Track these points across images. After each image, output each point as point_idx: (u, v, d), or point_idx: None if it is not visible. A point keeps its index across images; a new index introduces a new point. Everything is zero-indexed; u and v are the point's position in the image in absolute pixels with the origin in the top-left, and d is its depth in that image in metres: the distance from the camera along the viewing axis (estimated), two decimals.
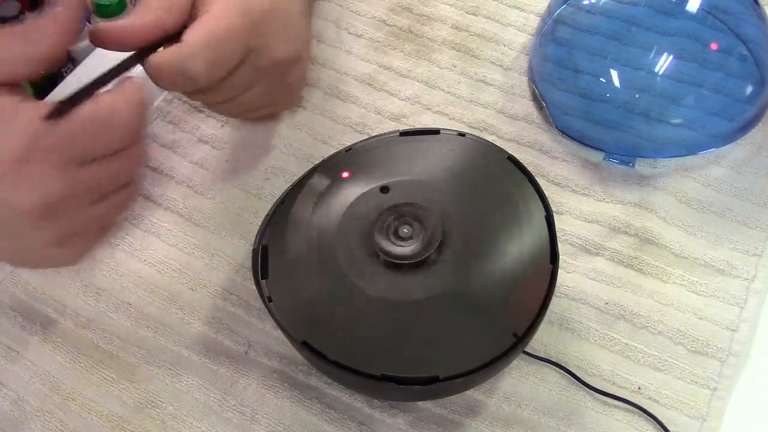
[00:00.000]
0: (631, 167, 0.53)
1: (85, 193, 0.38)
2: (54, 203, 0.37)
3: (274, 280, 0.42)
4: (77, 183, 0.37)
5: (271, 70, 0.47)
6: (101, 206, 0.39)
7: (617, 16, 0.54)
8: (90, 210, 0.39)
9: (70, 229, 0.38)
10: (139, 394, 0.45)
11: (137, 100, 0.39)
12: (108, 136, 0.38)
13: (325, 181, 0.46)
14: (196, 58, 0.43)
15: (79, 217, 0.38)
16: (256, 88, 0.48)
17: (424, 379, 0.39)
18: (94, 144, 0.37)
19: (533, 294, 0.41)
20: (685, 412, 0.44)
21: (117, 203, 0.40)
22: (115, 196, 0.40)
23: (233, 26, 0.44)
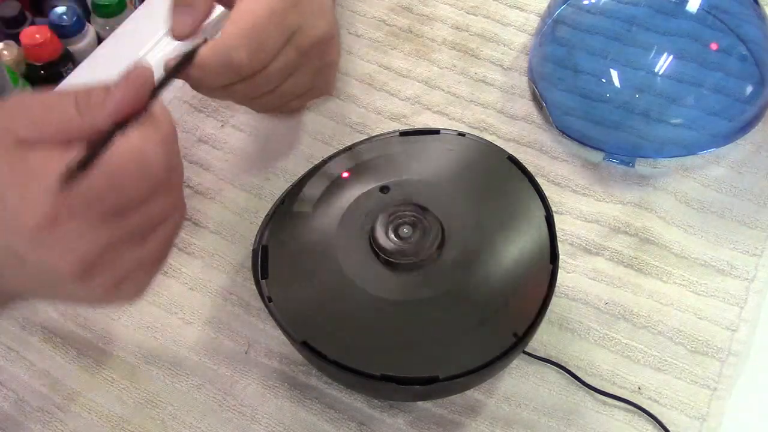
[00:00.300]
0: (631, 167, 0.53)
1: (127, 241, 0.36)
2: (94, 260, 0.35)
3: (274, 280, 0.42)
4: (116, 233, 0.35)
5: (312, 50, 0.47)
6: (148, 245, 0.37)
7: (617, 16, 0.54)
8: (136, 252, 0.37)
9: (118, 276, 0.37)
10: (139, 394, 0.45)
11: (167, 133, 0.36)
12: (142, 182, 0.35)
13: (316, 191, 0.46)
14: (241, 48, 0.42)
15: (126, 263, 0.36)
16: (298, 73, 0.47)
17: (424, 379, 0.39)
18: (128, 193, 0.35)
19: (533, 294, 0.41)
20: (685, 412, 0.44)
21: (164, 237, 0.38)
22: (159, 231, 0.38)
23: (273, 9, 0.43)
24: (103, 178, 0.34)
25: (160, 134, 0.36)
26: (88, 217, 0.34)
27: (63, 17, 0.95)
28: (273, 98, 0.48)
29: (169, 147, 0.36)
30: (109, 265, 0.36)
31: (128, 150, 0.34)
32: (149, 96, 0.36)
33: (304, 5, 0.45)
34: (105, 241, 0.35)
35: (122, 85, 0.35)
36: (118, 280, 0.37)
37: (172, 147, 0.36)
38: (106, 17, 0.99)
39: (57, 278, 0.35)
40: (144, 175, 0.35)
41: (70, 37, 0.96)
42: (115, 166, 0.34)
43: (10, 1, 0.95)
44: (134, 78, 0.35)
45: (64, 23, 0.95)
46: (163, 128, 0.36)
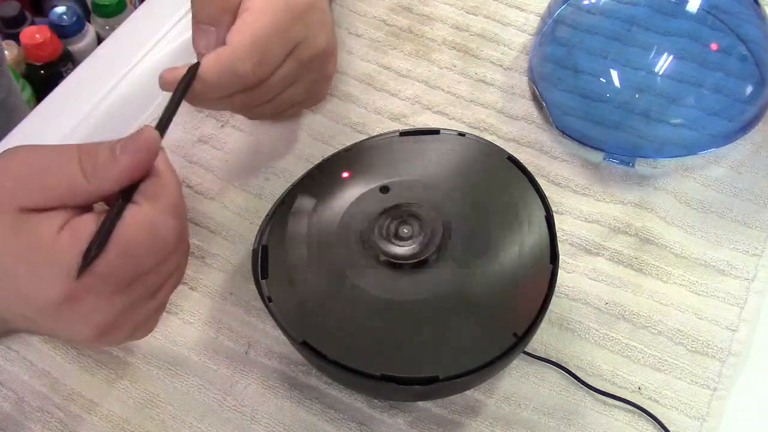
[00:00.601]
0: (631, 167, 0.53)
1: (141, 300, 0.36)
2: (110, 324, 0.35)
3: (274, 280, 0.42)
4: (130, 299, 0.35)
5: (312, 62, 0.47)
6: (159, 297, 0.38)
7: (617, 16, 0.54)
8: (148, 306, 0.37)
9: (132, 329, 0.37)
10: (139, 394, 0.45)
11: (177, 198, 0.36)
12: (155, 252, 0.35)
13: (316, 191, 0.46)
14: (245, 59, 0.43)
15: (139, 317, 0.37)
16: (298, 83, 0.48)
17: (424, 379, 0.39)
18: (142, 264, 0.35)
19: (533, 294, 0.41)
20: (685, 412, 0.44)
21: (172, 287, 0.39)
22: (171, 283, 0.38)
23: (278, 22, 0.44)
24: (117, 256, 0.34)
25: (169, 201, 0.35)
26: (105, 291, 0.34)
27: (63, 17, 0.95)
28: (270, 107, 0.49)
29: (178, 211, 0.36)
30: (124, 324, 0.36)
31: (140, 223, 0.34)
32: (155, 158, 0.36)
33: (308, 18, 0.46)
34: (121, 308, 0.35)
35: (130, 150, 0.35)
36: (131, 333, 0.38)
37: (181, 210, 0.36)
38: (106, 17, 0.99)
39: (77, 342, 0.37)
40: (157, 246, 0.35)
41: (70, 37, 0.96)
42: (129, 242, 0.34)
43: (10, 1, 0.95)
44: (142, 143, 0.35)
45: (64, 23, 0.95)
46: (172, 194, 0.36)
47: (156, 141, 0.36)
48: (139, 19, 0.63)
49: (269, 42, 0.44)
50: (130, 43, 0.61)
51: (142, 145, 0.35)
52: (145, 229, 0.34)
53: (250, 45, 0.43)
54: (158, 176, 0.36)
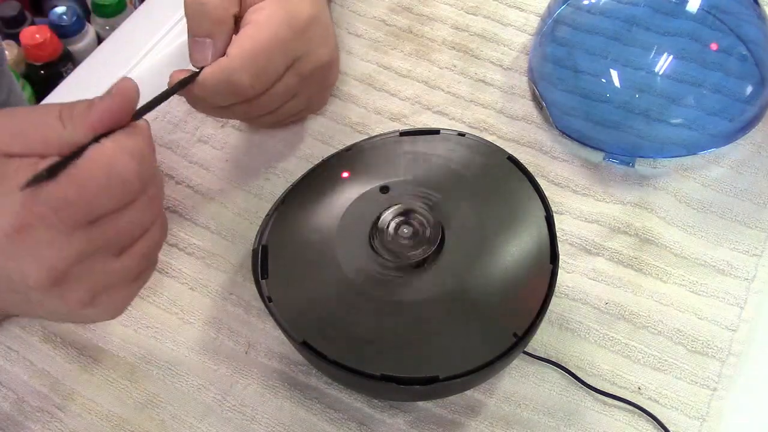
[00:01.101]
0: (631, 167, 0.53)
1: (100, 252, 0.35)
2: (65, 269, 0.34)
3: (274, 280, 0.42)
4: (88, 244, 0.35)
5: (313, 75, 0.48)
6: (123, 260, 0.37)
7: (617, 16, 0.54)
8: (110, 266, 0.36)
9: (93, 290, 0.36)
10: (139, 394, 0.45)
11: (142, 145, 0.36)
12: (112, 191, 0.35)
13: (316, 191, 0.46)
14: (243, 71, 0.43)
15: (100, 275, 0.36)
16: (300, 95, 0.49)
17: (424, 379, 0.39)
18: (98, 202, 0.34)
19: (533, 294, 0.41)
20: (685, 412, 0.44)
21: (141, 252, 0.38)
22: (137, 246, 0.37)
23: (278, 36, 0.44)
24: (71, 186, 0.33)
25: (133, 145, 0.35)
26: (58, 225, 0.33)
27: (63, 17, 0.95)
28: (271, 118, 0.50)
29: (142, 159, 0.35)
30: (83, 277, 0.35)
31: (98, 158, 0.34)
32: (136, 110, 0.36)
33: (308, 34, 0.46)
34: (76, 251, 0.34)
35: (105, 98, 0.35)
36: (94, 294, 0.36)
37: (145, 159, 0.36)
38: (106, 17, 0.99)
39: (28, 288, 0.35)
40: (114, 185, 0.34)
41: (70, 37, 0.96)
42: (84, 174, 0.34)
43: (10, 1, 0.95)
44: (117, 91, 0.35)
45: (64, 23, 0.95)
46: (139, 140, 0.36)
47: (132, 89, 0.36)
48: (139, 19, 0.64)
49: (269, 56, 0.44)
50: (130, 43, 0.61)
51: (117, 92, 0.35)
52: (103, 164, 0.34)
53: (248, 58, 0.43)
54: (131, 126, 0.36)
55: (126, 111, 0.35)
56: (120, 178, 0.34)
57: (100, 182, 0.34)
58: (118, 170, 0.34)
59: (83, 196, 0.34)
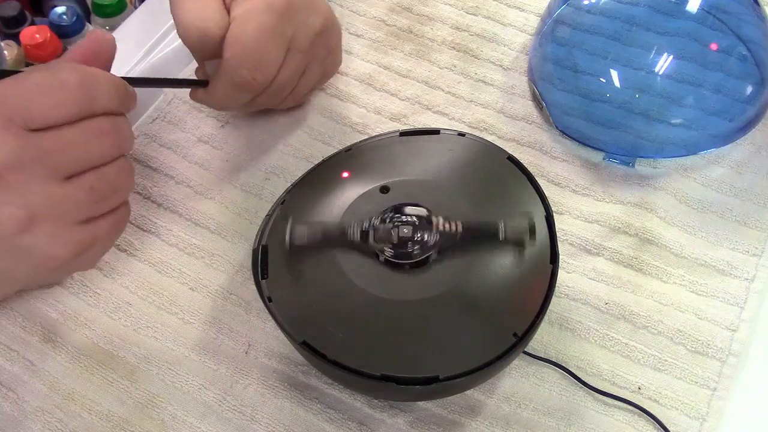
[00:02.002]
0: (631, 167, 0.53)
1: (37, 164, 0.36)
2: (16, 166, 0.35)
3: (274, 280, 0.42)
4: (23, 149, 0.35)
5: (315, 44, 0.48)
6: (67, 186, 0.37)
7: (617, 16, 0.54)
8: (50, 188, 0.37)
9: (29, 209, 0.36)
10: (139, 394, 0.45)
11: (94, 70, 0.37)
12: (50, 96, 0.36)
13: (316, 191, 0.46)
14: (241, 69, 0.44)
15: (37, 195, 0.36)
16: (310, 66, 0.49)
17: (424, 379, 0.39)
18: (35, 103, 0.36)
19: (533, 294, 0.41)
20: (685, 412, 0.44)
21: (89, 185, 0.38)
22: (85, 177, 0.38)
23: (263, 25, 0.44)
24: (11, 84, 0.35)
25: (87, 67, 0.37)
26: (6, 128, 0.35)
27: (63, 17, 0.95)
28: (293, 96, 0.51)
29: (92, 78, 0.37)
30: (16, 188, 0.36)
31: (45, 66, 0.36)
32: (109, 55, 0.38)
33: (294, 11, 0.46)
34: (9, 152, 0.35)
35: (79, 43, 0.38)
36: (30, 216, 0.36)
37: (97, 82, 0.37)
38: (106, 17, 0.99)
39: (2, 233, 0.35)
40: (52, 87, 0.35)
41: (70, 37, 0.96)
42: (25, 75, 0.35)
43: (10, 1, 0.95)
44: (91, 37, 0.37)
45: (64, 23, 0.95)
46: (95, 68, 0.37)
47: (107, 38, 0.38)
48: (139, 19, 0.64)
49: (261, 46, 0.44)
50: (130, 43, 0.61)
51: (93, 37, 0.38)
52: (48, 70, 0.36)
53: (241, 55, 0.44)
54: None
55: (100, 54, 0.38)
56: (61, 83, 0.36)
57: (39, 82, 0.35)
58: (60, 76, 0.36)
59: (20, 93, 0.35)
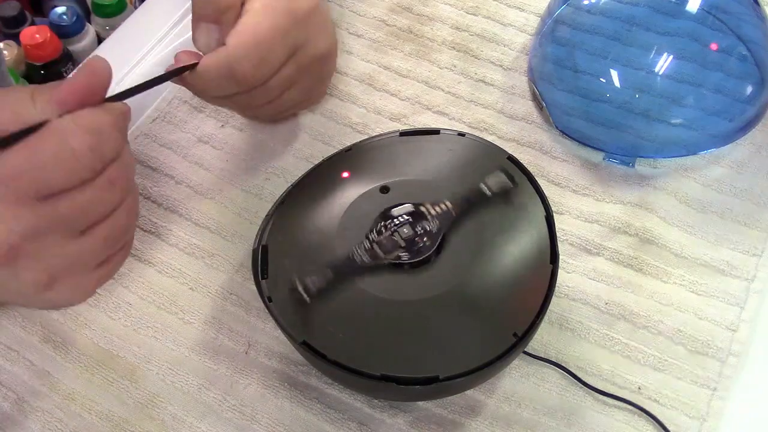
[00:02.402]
0: (631, 167, 0.53)
1: (54, 230, 0.34)
2: (15, 245, 0.33)
3: (274, 280, 0.42)
4: (39, 220, 0.33)
5: (312, 65, 0.47)
6: (83, 242, 0.35)
7: (617, 16, 0.54)
8: (67, 247, 0.35)
9: (49, 271, 0.35)
10: (139, 394, 0.45)
11: (103, 122, 0.34)
12: (63, 165, 0.33)
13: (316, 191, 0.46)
14: (245, 60, 0.43)
15: (56, 257, 0.35)
16: (298, 85, 0.48)
17: (424, 379, 0.39)
18: (49, 175, 0.33)
19: (533, 294, 0.41)
20: (685, 412, 0.44)
21: (103, 235, 0.36)
22: (99, 228, 0.36)
23: (279, 25, 0.43)
24: (21, 157, 0.33)
25: (93, 121, 0.34)
26: (7, 197, 0.33)
27: (63, 17, 0.95)
28: (269, 109, 0.49)
29: (101, 133, 0.34)
30: (37, 256, 0.34)
31: (51, 130, 0.33)
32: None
33: (308, 23, 0.45)
34: (26, 226, 0.33)
35: (74, 75, 0.34)
36: (51, 276, 0.35)
37: (106, 134, 0.35)
38: (106, 17, 0.99)
39: None
40: (65, 158, 0.33)
41: (70, 37, 0.96)
42: (35, 145, 0.33)
43: (10, 1, 0.95)
44: (86, 68, 0.35)
45: (64, 23, 0.95)
46: (102, 117, 0.34)
47: (102, 67, 0.35)
48: (139, 19, 0.64)
49: (270, 45, 0.44)
50: (130, 43, 0.61)
51: (86, 67, 0.35)
52: (56, 137, 0.33)
53: (250, 47, 0.43)
54: (101, 106, 0.35)
55: (95, 88, 0.35)
56: (72, 151, 0.33)
57: (50, 153, 0.33)
58: (70, 143, 0.33)
59: (32, 167, 0.33)
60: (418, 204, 0.43)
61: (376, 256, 0.42)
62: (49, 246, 0.35)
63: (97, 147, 0.34)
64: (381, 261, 0.42)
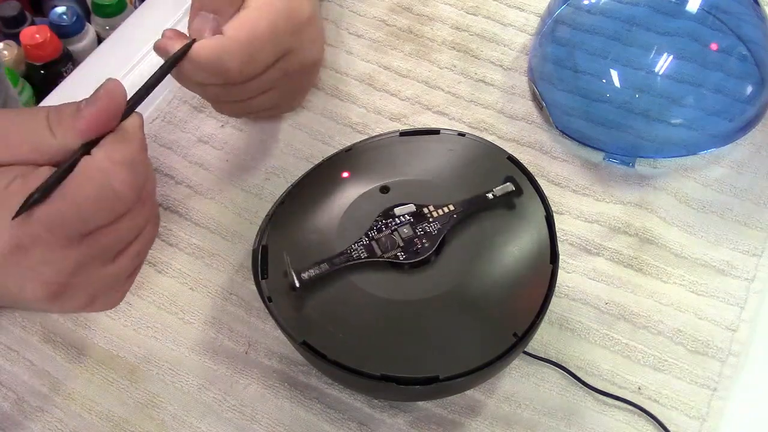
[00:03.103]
0: (631, 167, 0.53)
1: (96, 261, 0.35)
2: (63, 283, 0.34)
3: (274, 280, 0.42)
4: (84, 256, 0.34)
5: (298, 73, 0.47)
6: (119, 263, 0.36)
7: (617, 16, 0.54)
8: (106, 271, 0.36)
9: (91, 294, 0.36)
10: (139, 394, 0.45)
11: (134, 150, 0.34)
12: (106, 205, 0.34)
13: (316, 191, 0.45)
14: (235, 55, 0.42)
15: (97, 282, 0.36)
16: (276, 90, 0.48)
17: (424, 379, 0.39)
18: (93, 217, 0.33)
19: (533, 294, 0.41)
20: (685, 412, 0.44)
21: (135, 252, 0.37)
22: (132, 248, 0.37)
23: (276, 27, 0.43)
24: (64, 205, 0.32)
25: (125, 152, 0.34)
26: (53, 243, 0.33)
27: (63, 17, 0.95)
28: (240, 107, 0.49)
29: (136, 165, 0.34)
30: (81, 286, 0.35)
31: (91, 174, 0.33)
32: (126, 107, 0.35)
33: (304, 30, 0.45)
34: (73, 265, 0.34)
35: (92, 102, 0.34)
36: (92, 299, 0.36)
37: (139, 164, 0.35)
38: (106, 17, 0.99)
39: (27, 302, 0.34)
40: (108, 198, 0.33)
41: (70, 37, 0.96)
42: (77, 192, 0.33)
43: (10, 1, 0.95)
44: (104, 94, 0.34)
45: (64, 23, 0.95)
46: (130, 147, 0.34)
47: (119, 91, 0.34)
48: (139, 19, 0.64)
49: (263, 45, 0.43)
50: (130, 43, 0.61)
51: (104, 93, 0.34)
52: (96, 179, 0.33)
53: (244, 43, 0.43)
54: (121, 131, 0.35)
55: (114, 113, 0.34)
56: (114, 192, 0.33)
57: (94, 199, 0.33)
58: (111, 185, 0.33)
59: (76, 213, 0.33)
60: (421, 205, 0.43)
61: (373, 253, 0.42)
62: (91, 275, 0.35)
63: (134, 181, 0.34)
64: (378, 259, 0.42)
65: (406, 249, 0.42)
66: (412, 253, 0.42)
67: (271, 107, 0.51)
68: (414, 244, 0.42)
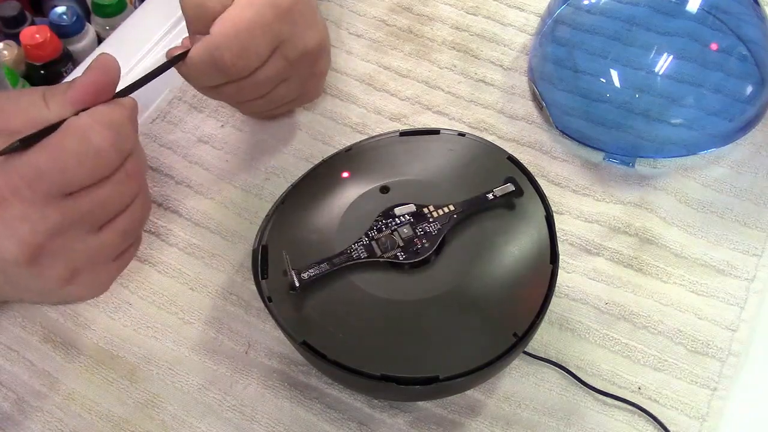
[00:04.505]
0: (631, 167, 0.53)
1: (77, 226, 0.35)
2: (41, 244, 0.34)
3: (274, 280, 0.42)
4: (64, 217, 0.34)
5: (303, 60, 0.48)
6: (103, 235, 0.36)
7: (617, 16, 0.54)
8: (88, 241, 0.36)
9: (71, 266, 0.36)
10: (139, 394, 0.45)
11: (119, 117, 0.35)
12: (85, 161, 0.34)
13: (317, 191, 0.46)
14: (224, 48, 0.43)
15: (78, 252, 0.36)
16: (287, 81, 0.48)
17: (424, 379, 0.39)
18: (72, 173, 0.34)
19: (533, 294, 0.41)
20: (685, 412, 0.44)
21: (121, 229, 0.37)
22: (117, 222, 0.37)
23: (261, 16, 0.44)
24: (43, 156, 0.33)
25: (111, 117, 0.35)
26: (31, 197, 0.33)
27: (63, 17, 0.95)
28: (262, 103, 0.49)
29: (119, 131, 0.35)
30: (60, 253, 0.35)
31: (72, 129, 0.34)
32: (126, 87, 0.36)
33: (294, 17, 0.46)
34: (51, 224, 0.34)
35: (84, 74, 0.35)
36: (73, 271, 0.36)
37: (123, 132, 0.35)
38: (106, 17, 0.99)
39: (5, 262, 0.34)
40: (87, 155, 0.34)
41: (70, 37, 0.96)
42: (57, 144, 0.33)
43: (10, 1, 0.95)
44: (96, 65, 0.35)
45: (64, 23, 0.95)
46: (117, 113, 0.35)
47: (112, 64, 0.36)
48: (139, 19, 0.64)
49: (251, 35, 0.44)
50: (130, 43, 0.61)
51: (96, 65, 0.35)
52: (76, 135, 0.34)
53: (231, 36, 0.43)
54: (113, 101, 0.35)
55: (106, 85, 0.35)
56: (94, 149, 0.34)
57: (73, 152, 0.34)
58: (92, 140, 0.34)
59: (56, 166, 0.33)
60: (421, 205, 0.43)
61: (373, 253, 0.42)
62: (71, 242, 0.35)
63: (116, 142, 0.35)
64: (378, 259, 0.42)
65: (406, 249, 0.42)
66: (412, 253, 0.42)
67: (290, 100, 0.51)
68: (414, 244, 0.42)
